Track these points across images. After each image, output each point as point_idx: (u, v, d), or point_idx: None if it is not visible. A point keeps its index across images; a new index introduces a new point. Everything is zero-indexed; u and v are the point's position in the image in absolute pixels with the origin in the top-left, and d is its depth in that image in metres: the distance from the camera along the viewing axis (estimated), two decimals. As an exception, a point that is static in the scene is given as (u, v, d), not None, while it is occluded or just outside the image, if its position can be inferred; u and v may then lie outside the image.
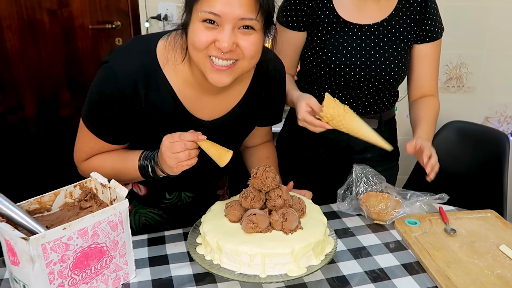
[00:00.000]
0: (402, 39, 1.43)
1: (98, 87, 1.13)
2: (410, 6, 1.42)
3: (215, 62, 1.05)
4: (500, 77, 2.61)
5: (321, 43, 1.43)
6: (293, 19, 1.43)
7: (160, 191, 1.39)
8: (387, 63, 1.42)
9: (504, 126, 2.73)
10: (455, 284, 1.06)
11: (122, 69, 1.11)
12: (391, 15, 1.42)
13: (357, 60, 1.41)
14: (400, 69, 1.44)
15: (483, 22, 2.50)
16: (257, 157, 1.44)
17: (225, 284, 1.09)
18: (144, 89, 1.12)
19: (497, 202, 1.84)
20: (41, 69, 2.58)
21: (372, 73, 1.42)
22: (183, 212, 1.43)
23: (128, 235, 1.09)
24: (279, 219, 1.06)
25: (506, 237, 1.26)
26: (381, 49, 1.42)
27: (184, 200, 1.43)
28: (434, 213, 1.37)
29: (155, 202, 1.41)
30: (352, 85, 1.45)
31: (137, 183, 1.36)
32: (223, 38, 1.02)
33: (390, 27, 1.42)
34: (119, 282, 1.10)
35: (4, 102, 2.65)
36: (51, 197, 1.10)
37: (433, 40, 1.45)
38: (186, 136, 1.09)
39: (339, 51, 1.41)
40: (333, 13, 1.41)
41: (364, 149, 1.54)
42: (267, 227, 1.07)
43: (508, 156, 1.86)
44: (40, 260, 0.92)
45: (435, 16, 1.44)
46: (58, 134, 2.71)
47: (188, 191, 1.42)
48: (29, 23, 2.50)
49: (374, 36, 1.42)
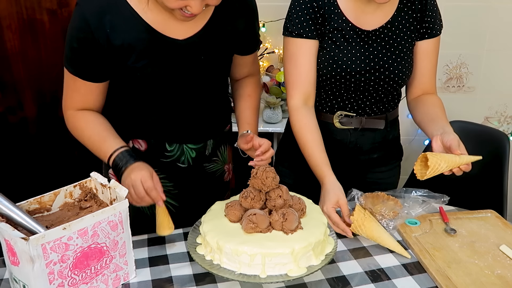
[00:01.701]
0: (406, 39, 1.43)
1: (69, 25, 1.19)
2: (412, 5, 1.42)
3: (186, 12, 1.12)
4: (500, 77, 2.61)
5: (332, 50, 1.41)
6: (310, 28, 1.39)
7: (160, 141, 1.37)
8: (395, 65, 1.42)
9: (504, 126, 2.73)
10: (455, 284, 1.06)
11: (87, 2, 1.17)
12: (394, 16, 1.42)
13: (367, 65, 1.41)
14: (407, 69, 1.44)
15: (483, 22, 2.50)
16: (239, 94, 1.46)
17: (225, 284, 1.09)
18: (109, 19, 1.16)
19: (497, 202, 1.83)
20: (41, 69, 2.58)
21: (381, 76, 1.42)
22: (189, 183, 1.44)
23: (128, 235, 1.09)
24: (279, 219, 1.06)
25: (506, 237, 1.26)
26: (388, 51, 1.42)
27: (187, 156, 1.41)
28: (434, 213, 1.37)
29: (156, 157, 1.38)
30: (362, 89, 1.44)
31: (136, 138, 1.37)
32: (195, 4, 1.09)
33: (394, 29, 1.42)
34: (119, 282, 1.10)
35: (4, 102, 2.65)
36: (51, 197, 1.10)
37: (433, 36, 1.45)
38: (151, 192, 1.15)
39: (349, 58, 1.41)
40: (342, 18, 1.40)
41: (370, 149, 1.54)
42: (267, 227, 1.07)
43: (508, 156, 1.86)
44: (40, 260, 0.92)
45: (434, 12, 1.44)
46: (58, 134, 2.71)
47: (190, 142, 1.40)
48: (29, 23, 2.50)
49: (380, 40, 1.42)
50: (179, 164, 1.41)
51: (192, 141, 1.40)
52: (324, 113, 1.50)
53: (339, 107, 1.49)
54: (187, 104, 1.34)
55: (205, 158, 1.45)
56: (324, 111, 1.50)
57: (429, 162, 1.19)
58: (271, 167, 1.12)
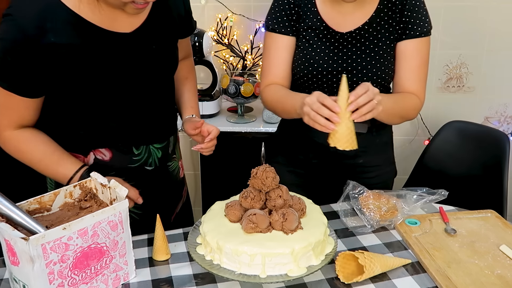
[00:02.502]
0: (385, 41, 1.40)
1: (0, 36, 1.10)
2: (392, 6, 1.39)
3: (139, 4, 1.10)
4: (500, 77, 2.61)
5: (307, 49, 1.41)
6: (285, 24, 1.42)
7: (127, 146, 1.32)
8: (371, 67, 1.39)
9: (504, 126, 2.73)
10: (455, 284, 1.06)
11: (21, 12, 1.08)
12: (373, 17, 1.39)
13: (339, 67, 1.39)
14: (384, 71, 1.41)
15: (483, 22, 2.50)
16: (176, 77, 1.45)
17: (225, 284, 1.09)
18: (50, 26, 1.10)
19: (497, 202, 1.83)
20: None
21: (354, 79, 1.39)
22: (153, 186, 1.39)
23: (128, 235, 1.09)
24: (279, 219, 1.06)
25: (506, 237, 1.26)
26: (364, 53, 1.39)
27: (154, 157, 1.37)
28: (434, 213, 1.37)
29: (123, 163, 1.32)
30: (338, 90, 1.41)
31: (99, 148, 1.30)
32: None
33: (372, 30, 1.40)
34: (119, 282, 1.10)
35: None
36: (51, 197, 1.10)
37: (412, 37, 1.39)
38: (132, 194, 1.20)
39: (321, 57, 1.40)
40: (317, 17, 1.40)
41: (354, 155, 1.50)
42: (267, 227, 1.07)
43: (508, 156, 1.86)
44: (40, 260, 0.92)
45: (415, 13, 1.39)
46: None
47: (156, 142, 1.37)
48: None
49: (355, 41, 1.40)
50: (147, 167, 1.37)
51: (157, 140, 1.38)
52: None
53: None
54: (148, 99, 1.31)
55: (168, 156, 1.43)
56: None
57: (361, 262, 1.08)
58: (271, 167, 1.12)
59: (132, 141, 1.32)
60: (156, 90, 1.32)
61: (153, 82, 1.30)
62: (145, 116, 1.32)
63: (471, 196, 1.82)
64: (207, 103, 2.37)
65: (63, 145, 1.27)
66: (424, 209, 1.40)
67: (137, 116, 1.30)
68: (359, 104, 1.15)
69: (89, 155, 1.30)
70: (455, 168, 1.98)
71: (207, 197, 2.51)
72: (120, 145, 1.31)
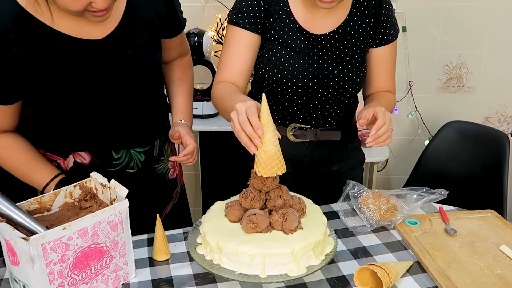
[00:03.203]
0: (359, 45, 1.37)
1: None
2: (365, 10, 1.36)
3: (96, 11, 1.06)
4: (500, 77, 2.61)
5: (278, 51, 1.34)
6: (250, 20, 1.32)
7: (106, 150, 1.30)
8: (345, 72, 1.36)
9: (504, 126, 2.73)
10: (455, 284, 1.06)
11: None
12: (346, 21, 1.35)
13: (314, 71, 1.34)
14: (358, 76, 1.39)
15: (483, 22, 2.50)
16: (170, 78, 1.43)
17: (225, 284, 1.09)
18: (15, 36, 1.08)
19: (497, 202, 1.84)
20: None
21: (330, 83, 1.36)
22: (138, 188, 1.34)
23: (128, 235, 1.09)
24: (279, 219, 1.06)
25: (506, 237, 1.26)
26: (338, 57, 1.35)
27: (136, 160, 1.35)
28: (434, 213, 1.37)
29: (103, 167, 1.30)
30: (313, 98, 1.38)
31: (78, 152, 1.29)
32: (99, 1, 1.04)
33: (346, 34, 1.35)
34: (119, 282, 1.10)
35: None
36: (51, 197, 1.10)
37: (389, 42, 1.40)
38: None
39: (296, 61, 1.33)
40: (290, 18, 1.34)
41: (328, 163, 1.49)
42: (267, 227, 1.07)
43: (508, 156, 1.86)
44: (40, 260, 0.92)
45: (390, 18, 1.38)
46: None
47: (137, 146, 1.34)
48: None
49: (330, 45, 1.35)
50: (128, 170, 1.35)
51: (139, 144, 1.34)
52: (276, 126, 1.30)
53: (291, 119, 1.42)
54: (126, 104, 1.27)
55: (153, 159, 1.40)
56: (277, 123, 1.42)
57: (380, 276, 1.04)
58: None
59: (111, 145, 1.31)
60: (135, 95, 1.28)
61: (130, 87, 1.26)
62: (124, 121, 1.29)
63: (471, 196, 1.82)
64: (207, 103, 2.37)
65: (43, 147, 1.27)
66: (424, 209, 1.40)
67: (115, 121, 1.28)
68: (380, 136, 1.15)
69: (68, 158, 1.30)
70: (455, 168, 1.98)
71: (207, 197, 2.51)
72: (98, 150, 1.30)
